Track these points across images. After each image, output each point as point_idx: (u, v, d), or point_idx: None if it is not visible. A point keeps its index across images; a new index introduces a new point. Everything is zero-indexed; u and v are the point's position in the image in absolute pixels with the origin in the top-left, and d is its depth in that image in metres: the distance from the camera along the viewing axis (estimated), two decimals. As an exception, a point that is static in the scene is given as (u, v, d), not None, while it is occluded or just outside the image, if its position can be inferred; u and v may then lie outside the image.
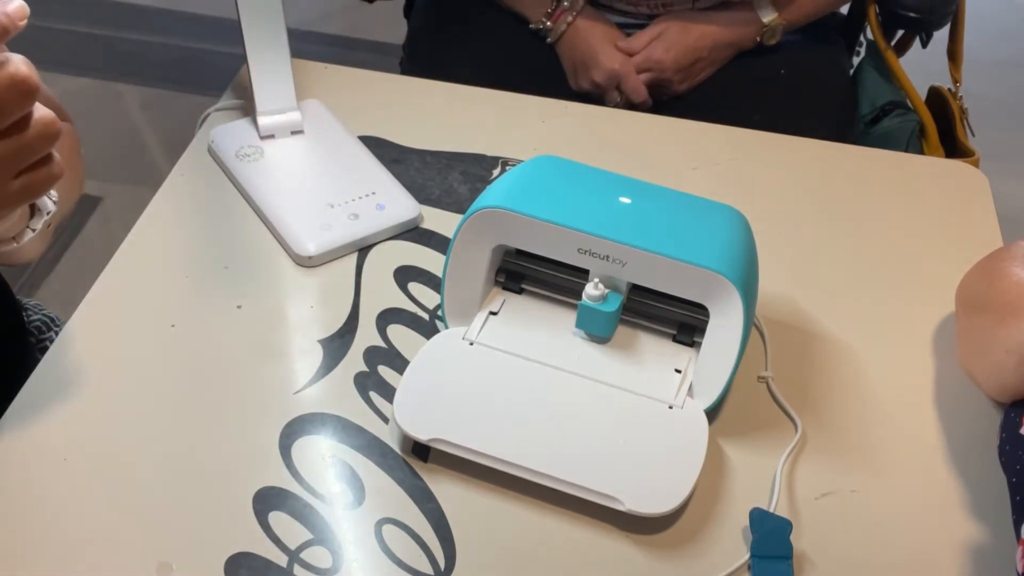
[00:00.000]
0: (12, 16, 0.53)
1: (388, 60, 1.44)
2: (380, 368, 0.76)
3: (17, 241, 0.68)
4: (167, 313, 0.78)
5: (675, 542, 0.67)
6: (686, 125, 0.98)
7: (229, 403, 0.73)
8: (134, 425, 0.71)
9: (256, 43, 0.86)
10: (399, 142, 0.94)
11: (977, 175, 0.95)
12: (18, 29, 0.54)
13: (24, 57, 0.55)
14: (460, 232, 0.72)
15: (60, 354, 0.75)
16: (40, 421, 0.71)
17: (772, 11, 1.15)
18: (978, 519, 0.69)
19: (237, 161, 0.88)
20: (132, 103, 2.20)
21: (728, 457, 0.71)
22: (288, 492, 0.68)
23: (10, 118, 0.55)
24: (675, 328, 0.75)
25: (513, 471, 0.67)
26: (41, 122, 0.57)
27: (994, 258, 0.75)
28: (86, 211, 1.93)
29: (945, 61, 1.26)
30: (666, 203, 0.74)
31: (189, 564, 0.64)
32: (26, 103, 0.55)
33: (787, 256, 0.86)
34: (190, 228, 0.85)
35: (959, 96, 1.23)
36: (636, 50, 1.16)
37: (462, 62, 1.20)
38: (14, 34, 0.54)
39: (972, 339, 0.75)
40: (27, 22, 0.54)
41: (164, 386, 0.74)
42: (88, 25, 2.37)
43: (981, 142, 1.20)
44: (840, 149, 0.97)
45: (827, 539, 0.67)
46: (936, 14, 1.22)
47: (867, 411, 0.75)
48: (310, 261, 0.82)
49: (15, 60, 0.54)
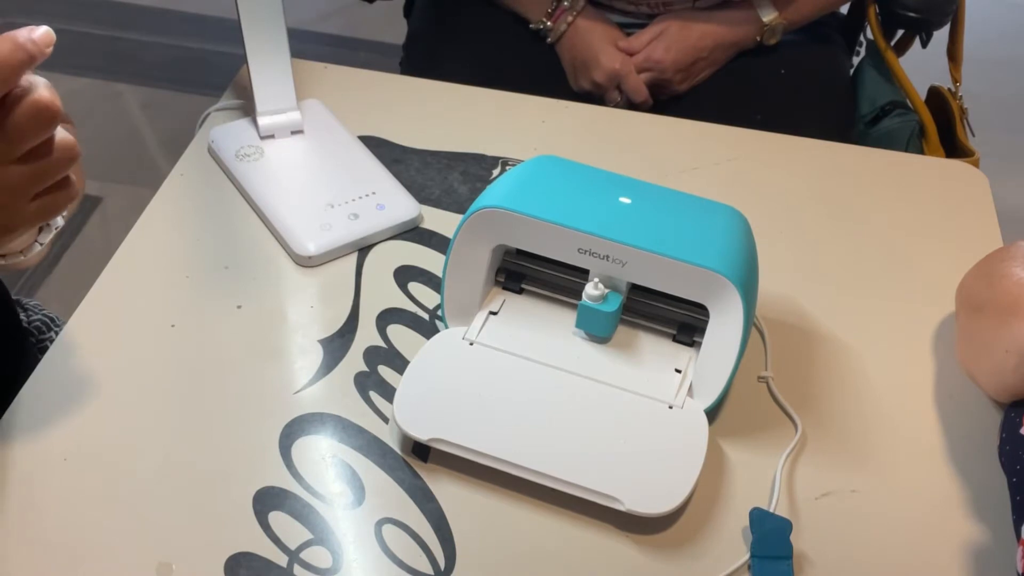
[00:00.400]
0: (39, 43, 0.54)
1: (388, 60, 1.44)
2: (380, 368, 0.76)
3: (25, 255, 0.68)
4: (167, 313, 0.78)
5: (675, 542, 0.67)
6: (686, 125, 0.98)
7: (229, 403, 0.73)
8: (134, 425, 0.71)
9: (256, 43, 0.86)
10: (399, 142, 0.94)
11: (977, 175, 0.95)
12: (44, 56, 0.54)
13: (47, 82, 0.56)
14: (460, 232, 0.72)
15: (60, 354, 0.75)
16: (40, 421, 0.71)
17: (772, 11, 1.15)
18: (978, 519, 0.69)
19: (237, 161, 0.88)
20: (132, 103, 2.20)
21: (728, 457, 0.71)
22: (288, 492, 0.68)
23: (32, 143, 0.56)
24: (675, 328, 0.75)
25: (513, 471, 0.67)
26: (62, 146, 0.58)
27: (994, 258, 0.75)
28: (86, 211, 1.94)
29: (945, 61, 1.26)
30: (666, 203, 0.74)
31: (189, 564, 0.64)
32: (49, 129, 0.56)
33: (787, 256, 0.86)
34: (190, 228, 0.85)
35: (959, 96, 1.23)
36: (636, 50, 1.16)
37: (462, 62, 1.20)
38: (40, 61, 0.54)
39: (972, 339, 0.75)
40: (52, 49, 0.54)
41: (164, 386, 0.74)
42: (88, 25, 2.37)
43: (981, 142, 1.20)
44: (840, 149, 0.97)
45: (827, 539, 0.67)
46: (936, 14, 1.22)
47: (867, 411, 0.75)
48: (310, 261, 0.82)
49: (39, 86, 0.55)
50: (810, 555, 0.66)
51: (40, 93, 0.55)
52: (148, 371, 0.74)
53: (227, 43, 2.30)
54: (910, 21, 1.22)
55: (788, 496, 0.69)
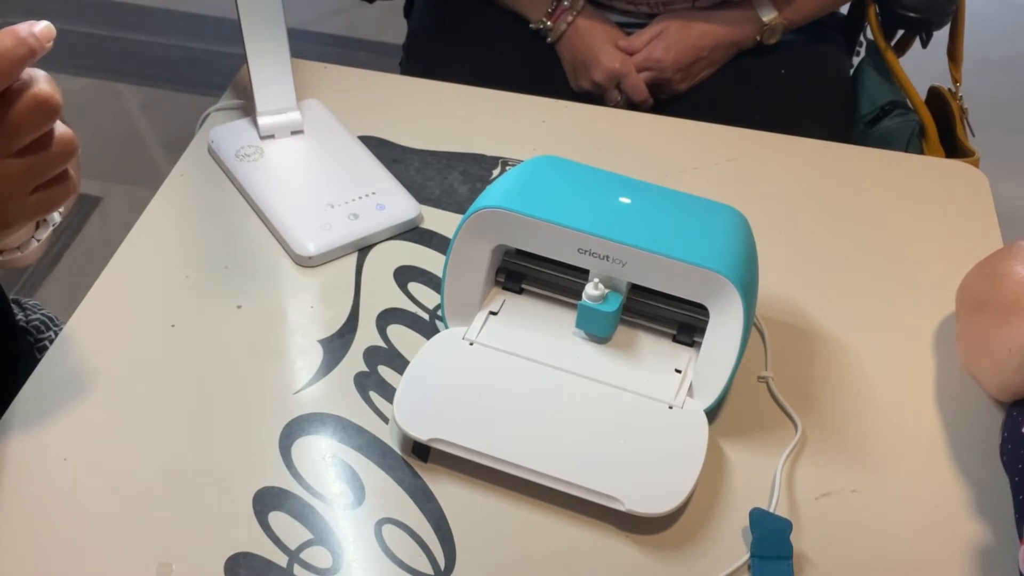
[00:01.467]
0: (40, 37, 0.54)
1: (388, 60, 1.44)
2: (380, 368, 0.76)
3: (22, 251, 0.68)
4: (167, 313, 0.78)
5: (675, 542, 0.67)
6: (686, 125, 0.98)
7: (229, 403, 0.73)
8: (134, 425, 0.71)
9: (256, 43, 0.86)
10: (399, 142, 0.94)
11: (977, 175, 0.95)
12: (44, 51, 0.54)
13: (48, 75, 0.56)
14: (460, 232, 0.72)
15: (60, 354, 0.75)
16: (40, 421, 0.71)
17: (772, 10, 1.15)
18: (979, 519, 0.69)
19: (237, 161, 0.88)
20: (132, 103, 2.20)
21: (728, 457, 0.71)
22: (288, 492, 0.68)
23: (32, 136, 0.56)
24: (675, 328, 0.75)
25: (513, 471, 0.67)
26: (61, 140, 0.57)
27: (996, 257, 0.75)
28: (86, 211, 1.94)
29: (945, 61, 1.26)
30: (666, 203, 0.74)
31: (189, 564, 0.64)
32: (48, 122, 0.56)
33: (787, 256, 0.86)
34: (190, 228, 0.85)
35: (959, 96, 1.23)
36: (636, 49, 1.16)
37: (462, 62, 1.20)
38: (41, 55, 0.54)
39: (973, 338, 0.75)
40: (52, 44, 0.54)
41: (164, 386, 0.74)
42: (88, 25, 2.37)
43: (981, 142, 1.20)
44: (840, 149, 0.97)
45: (827, 539, 0.67)
46: (936, 14, 1.22)
47: (867, 411, 0.75)
48: (310, 261, 0.82)
49: (39, 80, 0.55)
50: (810, 555, 0.66)
51: (41, 87, 0.55)
52: (148, 371, 0.74)
53: (227, 43, 2.30)
54: (910, 21, 1.22)
55: (788, 496, 0.69)
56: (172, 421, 0.72)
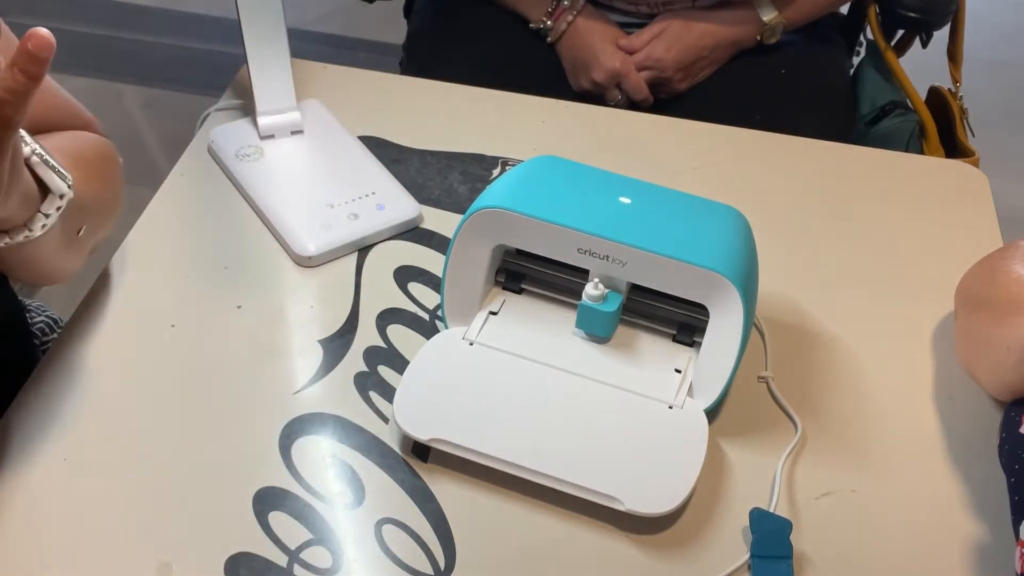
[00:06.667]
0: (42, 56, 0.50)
1: (388, 60, 1.44)
2: (380, 368, 0.76)
3: (30, 228, 0.61)
4: (167, 313, 0.78)
5: (675, 542, 0.67)
6: (686, 125, 0.98)
7: (229, 403, 0.73)
8: (134, 425, 0.71)
9: (256, 43, 0.86)
10: (399, 142, 0.94)
11: (977, 175, 0.95)
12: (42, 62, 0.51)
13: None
14: (460, 232, 0.72)
15: (60, 354, 0.75)
16: (40, 421, 0.71)
17: (772, 10, 1.15)
18: (978, 519, 0.69)
19: (237, 161, 0.88)
20: (132, 103, 2.20)
21: (728, 457, 0.71)
22: (288, 492, 0.68)
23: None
24: (675, 328, 0.75)
25: (513, 471, 0.67)
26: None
27: (994, 256, 0.75)
28: (86, 211, 1.93)
29: (945, 61, 1.26)
30: (666, 203, 0.73)
31: (189, 564, 0.64)
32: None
33: (787, 256, 0.86)
34: (190, 228, 0.85)
35: (959, 96, 1.23)
36: (636, 48, 1.16)
37: (462, 62, 1.20)
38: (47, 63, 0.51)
39: (972, 337, 0.75)
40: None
41: (164, 386, 0.74)
42: (88, 25, 2.37)
43: (981, 142, 1.20)
44: (840, 149, 0.97)
45: (827, 539, 0.67)
46: (936, 14, 1.22)
47: (867, 411, 0.75)
48: (310, 261, 0.82)
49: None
50: (810, 555, 0.66)
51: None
52: (148, 371, 0.74)
53: (227, 43, 2.30)
54: (910, 21, 1.22)
55: (788, 496, 0.69)
56: (172, 421, 0.72)
